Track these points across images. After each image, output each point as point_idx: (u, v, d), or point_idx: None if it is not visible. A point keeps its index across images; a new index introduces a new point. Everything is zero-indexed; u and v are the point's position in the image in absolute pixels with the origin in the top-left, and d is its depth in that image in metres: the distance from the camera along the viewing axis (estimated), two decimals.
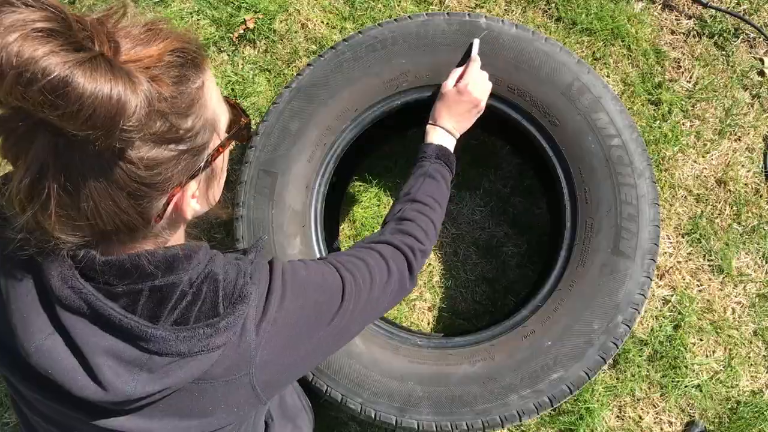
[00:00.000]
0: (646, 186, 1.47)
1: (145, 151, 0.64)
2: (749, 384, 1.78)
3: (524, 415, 1.43)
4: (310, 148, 1.54)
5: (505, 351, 1.46)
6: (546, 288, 1.48)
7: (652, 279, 1.46)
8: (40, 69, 0.55)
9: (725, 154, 1.86)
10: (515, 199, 1.90)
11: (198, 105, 0.69)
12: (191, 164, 0.70)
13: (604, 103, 1.49)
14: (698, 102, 1.87)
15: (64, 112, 0.56)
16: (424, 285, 1.88)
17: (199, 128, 0.69)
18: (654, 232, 1.46)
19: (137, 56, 0.64)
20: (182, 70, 0.67)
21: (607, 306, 1.43)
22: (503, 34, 1.51)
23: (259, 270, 0.82)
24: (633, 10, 1.90)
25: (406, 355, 1.48)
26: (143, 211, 0.68)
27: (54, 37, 0.57)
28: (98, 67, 0.58)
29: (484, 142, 1.91)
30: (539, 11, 1.92)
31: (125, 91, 0.59)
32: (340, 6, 1.95)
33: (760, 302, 1.80)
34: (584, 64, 1.52)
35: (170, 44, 0.66)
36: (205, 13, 1.96)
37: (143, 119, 0.61)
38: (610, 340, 1.43)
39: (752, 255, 1.82)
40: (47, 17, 0.57)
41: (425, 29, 1.53)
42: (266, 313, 0.80)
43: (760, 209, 1.83)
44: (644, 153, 1.49)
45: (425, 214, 1.18)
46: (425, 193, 1.21)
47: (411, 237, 1.13)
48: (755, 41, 1.89)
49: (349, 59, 1.54)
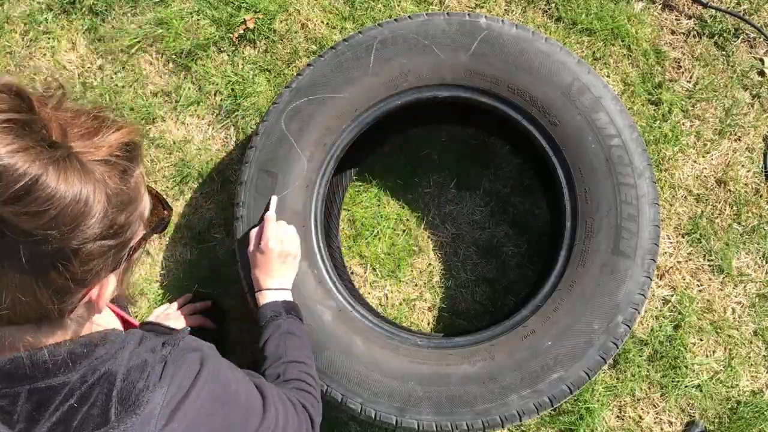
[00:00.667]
0: (646, 186, 1.47)
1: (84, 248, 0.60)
2: (749, 384, 1.78)
3: (524, 415, 1.43)
4: (310, 148, 1.54)
5: (505, 351, 1.46)
6: (546, 288, 1.48)
7: (653, 279, 1.46)
8: (10, 166, 0.51)
9: (725, 154, 1.86)
10: (515, 199, 1.90)
11: (136, 199, 0.65)
12: (117, 258, 0.66)
13: (604, 103, 1.49)
14: (698, 102, 1.87)
15: (28, 211, 0.53)
16: (424, 285, 1.88)
17: (131, 222, 0.65)
18: (654, 232, 1.46)
19: (90, 149, 0.59)
20: (127, 164, 0.63)
21: (607, 306, 1.43)
22: (503, 34, 1.51)
23: (177, 365, 0.73)
24: (633, 10, 1.90)
25: (406, 355, 1.48)
26: (62, 306, 0.63)
27: (23, 129, 0.53)
28: (70, 166, 0.55)
29: (484, 142, 1.91)
30: (539, 11, 1.92)
31: (93, 192, 0.56)
32: (340, 6, 1.95)
33: (760, 302, 1.80)
34: (584, 64, 1.52)
35: (122, 136, 0.62)
36: (205, 13, 1.96)
37: (101, 219, 0.58)
38: (610, 340, 1.43)
39: (752, 255, 1.82)
40: (15, 107, 0.54)
41: (425, 29, 1.53)
42: (172, 420, 0.70)
43: (760, 209, 1.83)
44: (644, 153, 1.49)
45: (308, 373, 1.19)
46: (298, 352, 1.22)
47: (311, 397, 1.14)
48: (755, 41, 1.89)
49: (349, 59, 1.54)
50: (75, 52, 1.99)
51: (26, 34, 1.99)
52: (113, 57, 1.98)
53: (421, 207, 1.91)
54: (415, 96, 1.54)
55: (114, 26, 1.98)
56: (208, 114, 1.95)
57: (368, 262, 1.90)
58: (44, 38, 1.99)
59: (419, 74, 1.53)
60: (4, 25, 1.99)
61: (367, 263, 1.90)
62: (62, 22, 1.99)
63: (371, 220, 1.90)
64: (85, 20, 1.98)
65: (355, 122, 1.55)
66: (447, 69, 1.51)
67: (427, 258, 1.90)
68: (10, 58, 1.98)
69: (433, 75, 1.52)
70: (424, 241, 1.91)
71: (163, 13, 1.96)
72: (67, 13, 1.99)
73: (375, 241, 1.89)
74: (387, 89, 1.54)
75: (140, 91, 1.96)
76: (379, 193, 1.92)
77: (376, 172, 1.93)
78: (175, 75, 1.96)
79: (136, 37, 1.96)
